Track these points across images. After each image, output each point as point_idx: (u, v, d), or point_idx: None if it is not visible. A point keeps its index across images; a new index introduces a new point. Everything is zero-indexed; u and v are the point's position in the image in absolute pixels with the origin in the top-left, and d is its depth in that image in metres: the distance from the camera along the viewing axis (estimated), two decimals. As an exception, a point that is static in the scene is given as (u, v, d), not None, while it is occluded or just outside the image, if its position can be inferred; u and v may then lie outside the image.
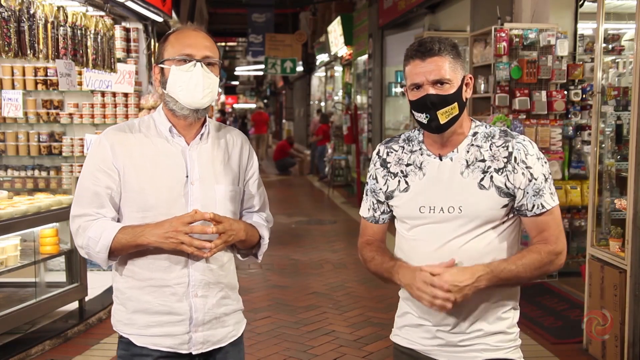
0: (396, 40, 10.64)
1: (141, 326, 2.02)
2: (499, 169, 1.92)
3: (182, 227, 1.90)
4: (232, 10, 19.57)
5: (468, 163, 1.95)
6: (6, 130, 6.70)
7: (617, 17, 5.40)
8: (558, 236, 1.95)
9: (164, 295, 2.00)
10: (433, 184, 1.96)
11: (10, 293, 4.82)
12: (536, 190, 1.91)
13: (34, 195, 4.76)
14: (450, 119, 1.91)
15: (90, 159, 2.05)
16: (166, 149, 2.04)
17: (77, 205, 2.03)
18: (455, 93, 1.90)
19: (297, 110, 25.04)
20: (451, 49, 1.92)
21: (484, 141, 1.96)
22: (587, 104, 5.91)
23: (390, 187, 2.04)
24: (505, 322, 1.99)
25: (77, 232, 2.01)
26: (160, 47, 2.07)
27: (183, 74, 1.99)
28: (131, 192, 2.00)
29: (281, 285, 6.34)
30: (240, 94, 43.23)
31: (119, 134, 2.05)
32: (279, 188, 14.85)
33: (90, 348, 4.52)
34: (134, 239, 1.94)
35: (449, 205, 1.92)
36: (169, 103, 2.04)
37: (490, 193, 1.92)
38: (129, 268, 2.03)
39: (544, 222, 1.94)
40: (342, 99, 15.73)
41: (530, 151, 1.93)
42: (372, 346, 4.66)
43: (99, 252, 1.96)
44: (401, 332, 2.10)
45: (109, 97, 6.48)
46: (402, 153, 2.04)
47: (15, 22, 3.93)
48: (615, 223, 4.46)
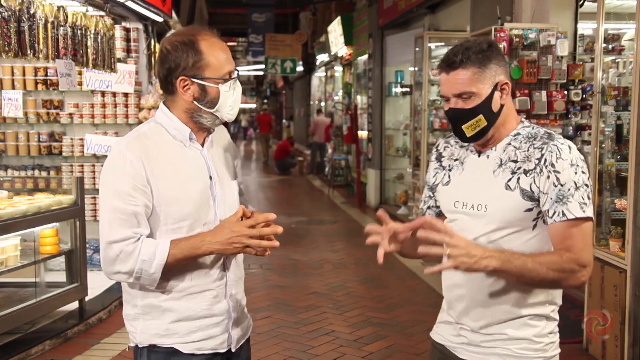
0: (396, 40, 10.64)
1: (184, 334, 1.99)
2: (528, 170, 1.85)
3: (249, 231, 1.90)
4: (232, 10, 19.57)
5: (502, 162, 1.91)
6: (6, 130, 6.69)
7: (617, 17, 5.39)
8: (583, 249, 1.81)
9: (205, 299, 1.99)
10: (468, 180, 1.97)
11: (10, 293, 4.82)
12: (560, 196, 1.79)
13: (34, 195, 4.75)
14: (478, 131, 1.89)
15: (118, 176, 1.90)
16: (187, 154, 2.00)
17: (113, 229, 1.88)
18: (481, 105, 1.86)
19: (297, 110, 25.05)
20: (477, 56, 1.85)
21: (524, 142, 1.90)
22: (587, 104, 5.90)
23: (437, 180, 2.07)
24: (533, 330, 1.92)
25: (118, 258, 1.88)
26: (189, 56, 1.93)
27: (231, 93, 1.98)
28: (165, 205, 1.92)
29: (281, 285, 6.33)
30: (240, 94, 43.21)
31: (141, 146, 1.94)
32: (279, 188, 14.86)
33: (90, 348, 4.52)
34: (192, 252, 1.90)
35: (478, 202, 1.91)
36: (202, 117, 1.99)
37: (515, 195, 1.85)
38: (163, 282, 1.94)
39: (567, 233, 1.80)
40: (342, 99, 15.74)
41: (564, 155, 1.82)
42: (372, 346, 4.66)
43: (154, 273, 1.88)
44: (437, 329, 2.11)
45: (109, 97, 6.47)
46: (455, 148, 2.06)
47: (15, 22, 3.93)
48: (615, 223, 4.46)
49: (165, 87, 2.01)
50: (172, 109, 2.02)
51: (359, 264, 7.19)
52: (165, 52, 1.98)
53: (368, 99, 12.02)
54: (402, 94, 10.29)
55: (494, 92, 1.87)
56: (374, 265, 7.12)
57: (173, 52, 1.96)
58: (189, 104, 1.98)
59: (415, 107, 8.50)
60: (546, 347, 1.95)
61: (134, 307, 2.01)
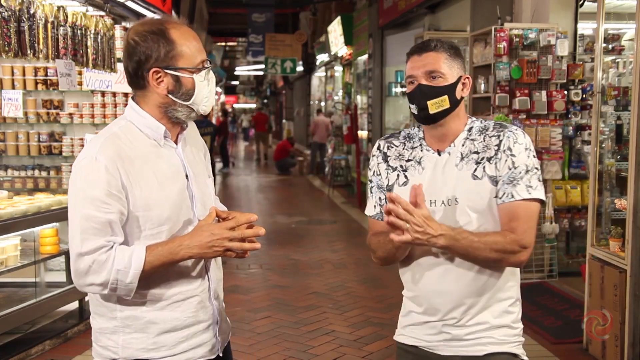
0: (396, 40, 10.64)
1: (172, 345, 1.90)
2: (490, 157, 1.95)
3: (229, 234, 1.80)
4: (232, 10, 19.58)
5: (462, 156, 1.98)
6: (6, 130, 6.69)
7: (617, 17, 5.39)
8: (526, 230, 1.89)
9: (190, 306, 1.91)
10: (432, 178, 2.00)
11: (10, 293, 4.82)
12: (511, 178, 1.91)
13: (34, 195, 4.75)
14: (441, 111, 1.97)
15: (91, 184, 1.77)
16: (162, 154, 1.89)
17: (85, 240, 1.75)
18: (448, 87, 1.97)
19: (297, 110, 25.05)
20: (449, 47, 2.00)
21: (478, 134, 2.00)
22: (587, 104, 5.90)
23: (390, 181, 2.08)
24: (510, 317, 2.00)
25: (91, 269, 1.75)
26: (160, 46, 1.83)
27: (205, 84, 1.90)
28: (144, 210, 1.82)
29: (281, 285, 6.33)
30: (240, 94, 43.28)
31: (114, 148, 1.81)
32: (279, 188, 14.86)
33: (91, 348, 4.51)
34: (170, 257, 1.80)
35: (447, 197, 1.96)
36: (177, 111, 1.89)
37: (483, 182, 1.94)
38: (144, 291, 1.84)
39: (513, 213, 1.90)
40: (342, 99, 15.74)
41: (520, 140, 1.94)
42: (372, 346, 4.66)
43: (130, 282, 1.77)
44: (405, 331, 2.11)
45: (109, 97, 6.47)
46: (403, 149, 2.09)
47: (15, 22, 3.93)
48: (615, 223, 4.47)
49: (135, 81, 1.88)
50: (143, 105, 1.90)
51: (359, 264, 7.19)
52: (134, 43, 1.84)
53: (368, 99, 12.02)
54: (402, 94, 10.29)
55: (458, 83, 2.00)
56: (374, 265, 7.11)
57: (142, 43, 1.83)
58: (163, 98, 1.87)
59: (415, 107, 8.49)
60: (520, 332, 2.05)
61: (111, 319, 1.89)
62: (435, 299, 2.00)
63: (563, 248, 6.23)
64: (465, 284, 1.96)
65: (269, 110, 34.86)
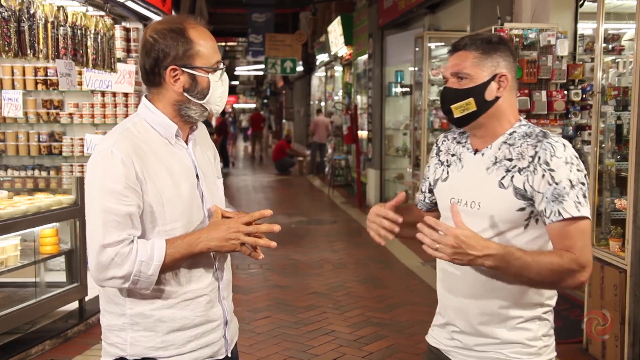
0: (396, 40, 10.64)
1: (181, 344, 1.90)
2: (522, 168, 1.82)
3: (245, 228, 1.85)
4: (232, 10, 19.56)
5: (496, 160, 1.88)
6: (6, 130, 6.70)
7: (617, 17, 5.39)
8: (583, 249, 1.76)
9: (199, 305, 1.91)
10: (464, 177, 1.95)
11: (10, 293, 4.82)
12: (556, 195, 1.75)
13: (34, 195, 4.75)
14: (466, 115, 1.88)
15: (109, 177, 1.79)
16: (173, 152, 1.92)
17: (107, 232, 1.77)
18: (474, 88, 1.86)
19: (297, 110, 25.06)
20: (482, 44, 1.88)
21: (519, 140, 1.87)
22: (587, 104, 5.90)
23: (437, 176, 2.05)
24: (526, 333, 1.90)
25: (113, 261, 1.77)
26: (178, 44, 1.85)
27: (220, 84, 1.92)
28: (157, 205, 1.83)
29: (281, 285, 6.33)
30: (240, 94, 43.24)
31: (129, 143, 1.83)
32: (279, 188, 14.86)
33: (90, 348, 4.52)
34: (189, 249, 1.82)
35: (472, 200, 1.89)
36: (191, 110, 1.91)
37: (507, 193, 1.83)
38: (154, 289, 1.85)
39: (565, 232, 1.76)
40: (342, 99, 15.74)
41: (558, 153, 1.78)
42: (372, 346, 4.66)
43: (152, 274, 1.79)
44: (432, 332, 2.10)
45: (109, 97, 6.48)
46: (451, 142, 2.05)
47: (15, 22, 3.93)
48: (615, 223, 4.46)
49: (152, 79, 1.90)
50: (157, 102, 1.92)
51: (359, 264, 7.19)
52: (152, 41, 1.86)
53: (368, 99, 12.02)
54: (402, 94, 10.29)
55: (491, 82, 1.87)
56: (374, 265, 7.12)
57: (161, 41, 1.85)
58: (179, 96, 1.89)
59: (415, 107, 8.50)
60: (540, 350, 1.93)
61: (120, 316, 1.89)
62: (446, 302, 2.00)
63: (563, 248, 6.22)
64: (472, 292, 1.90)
65: (269, 111, 34.86)
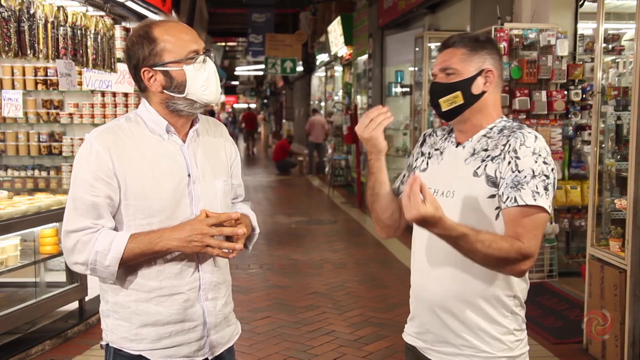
0: (396, 40, 10.64)
1: (152, 340, 1.92)
2: (495, 156, 1.87)
3: (208, 230, 1.84)
4: (232, 10, 19.55)
5: (474, 151, 1.94)
6: (6, 130, 6.69)
7: (617, 17, 5.39)
8: (531, 239, 1.77)
9: (175, 303, 1.92)
10: (442, 168, 2.00)
11: (10, 293, 4.82)
12: (516, 182, 1.79)
13: (34, 195, 4.75)
14: (454, 108, 1.94)
15: (83, 167, 1.87)
16: (163, 149, 1.93)
17: (73, 219, 1.86)
18: (461, 82, 1.92)
19: (297, 110, 25.05)
20: (470, 42, 1.94)
21: (497, 133, 1.93)
22: (587, 104, 5.90)
23: (417, 164, 2.11)
24: (499, 328, 1.91)
25: (76, 248, 1.85)
26: (144, 47, 1.90)
27: (200, 73, 1.91)
28: (134, 199, 1.87)
29: (281, 285, 6.33)
30: (240, 94, 43.26)
31: (111, 137, 1.89)
32: (279, 188, 14.85)
33: (91, 348, 4.52)
34: (150, 247, 1.84)
35: (447, 189, 1.94)
36: (177, 104, 1.93)
37: (480, 180, 1.88)
38: (132, 280, 1.90)
39: (518, 219, 1.78)
40: (342, 99, 15.74)
41: (528, 143, 1.82)
42: (372, 346, 4.66)
43: (109, 265, 1.83)
44: (407, 329, 2.12)
45: (109, 97, 6.47)
46: (438, 138, 2.10)
47: (15, 22, 3.93)
48: (615, 223, 4.47)
49: (138, 84, 1.96)
50: (151, 103, 1.97)
51: (359, 264, 7.19)
52: (126, 49, 1.95)
53: (368, 99, 12.02)
54: (402, 94, 10.29)
55: (478, 76, 1.93)
56: (374, 265, 7.12)
57: (132, 48, 1.92)
58: (160, 95, 1.93)
59: (415, 107, 8.50)
60: (512, 345, 1.93)
61: (106, 302, 1.97)
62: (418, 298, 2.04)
63: (563, 248, 6.23)
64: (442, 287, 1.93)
65: (269, 111, 34.85)
